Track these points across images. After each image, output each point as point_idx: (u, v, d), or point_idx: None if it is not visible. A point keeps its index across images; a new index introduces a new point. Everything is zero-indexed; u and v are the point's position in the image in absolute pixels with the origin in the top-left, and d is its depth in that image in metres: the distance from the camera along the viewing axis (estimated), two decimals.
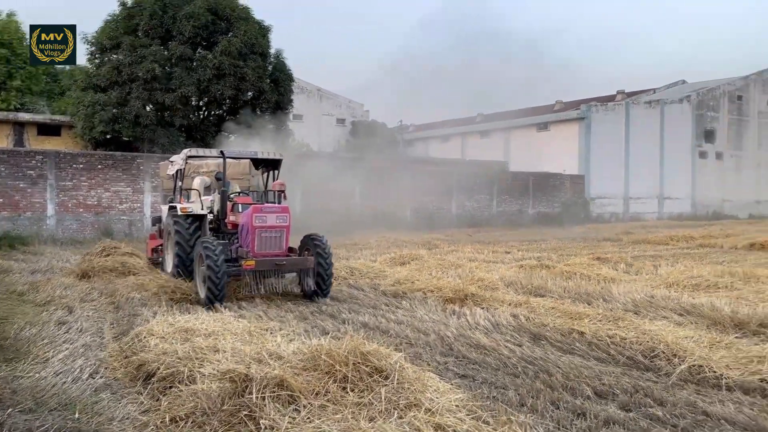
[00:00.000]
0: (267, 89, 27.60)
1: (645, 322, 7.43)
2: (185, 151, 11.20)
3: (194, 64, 26.28)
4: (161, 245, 12.42)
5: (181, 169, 11.49)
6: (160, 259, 12.29)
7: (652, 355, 6.33)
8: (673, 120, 43.27)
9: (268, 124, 27.43)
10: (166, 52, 26.09)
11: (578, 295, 9.92)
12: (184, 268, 10.33)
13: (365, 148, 34.54)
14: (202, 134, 26.93)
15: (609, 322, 7.52)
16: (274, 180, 11.01)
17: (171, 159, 12.23)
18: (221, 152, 10.74)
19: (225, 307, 8.87)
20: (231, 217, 10.34)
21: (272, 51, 28.89)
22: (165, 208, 12.28)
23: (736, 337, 6.86)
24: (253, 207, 9.65)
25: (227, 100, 26.93)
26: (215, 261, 8.80)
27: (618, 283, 10.69)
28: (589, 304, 9.13)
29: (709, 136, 46.15)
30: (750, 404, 5.06)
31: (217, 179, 11.15)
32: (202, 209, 10.85)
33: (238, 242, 9.98)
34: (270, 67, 28.63)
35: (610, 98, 45.09)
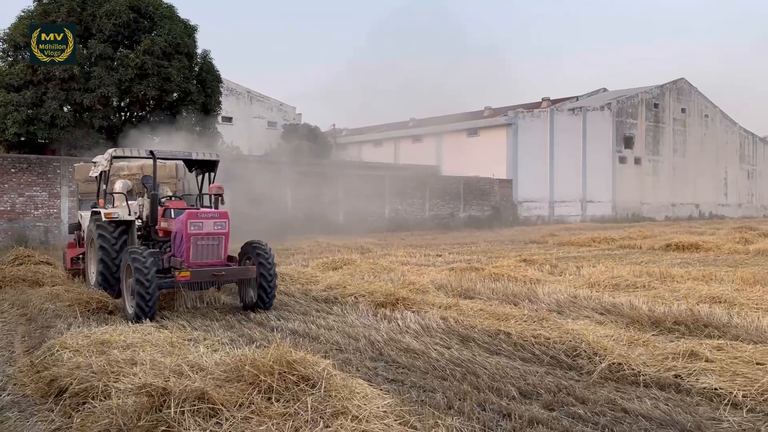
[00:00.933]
0: (193, 90, 26.90)
1: (568, 322, 7.63)
2: (110, 151, 10.24)
3: (115, 63, 25.30)
4: (81, 254, 11.63)
5: (105, 171, 10.48)
6: (81, 269, 11.50)
7: (574, 354, 6.49)
8: (594, 126, 45.16)
9: (195, 126, 26.73)
10: (85, 51, 25.00)
11: (506, 297, 10.10)
12: (110, 281, 9.52)
13: (297, 152, 34.24)
14: (124, 136, 25.94)
15: (534, 322, 7.67)
16: (210, 183, 10.28)
17: (94, 160, 11.27)
18: (151, 152, 9.80)
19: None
20: (162, 224, 9.52)
21: (199, 51, 28.21)
22: (85, 214, 11.56)
23: (653, 335, 7.15)
24: (188, 212, 8.88)
25: (151, 101, 26.07)
26: (145, 272, 8.06)
27: (543, 284, 10.96)
28: (515, 305, 9.30)
29: (628, 141, 48.42)
30: (665, 400, 5.26)
31: (144, 184, 10.44)
32: (129, 215, 10.02)
33: (170, 251, 9.21)
34: (197, 68, 27.93)
35: (536, 105, 46.61)
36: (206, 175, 10.44)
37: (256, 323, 8.50)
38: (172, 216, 9.31)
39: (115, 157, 10.15)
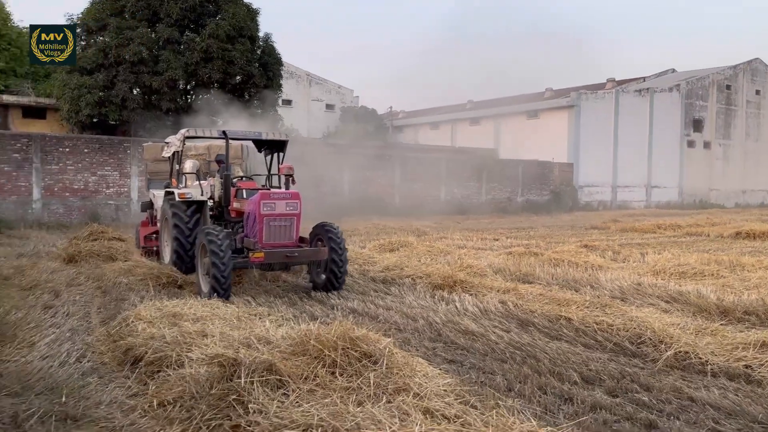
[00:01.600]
0: (256, 73, 27.35)
1: (632, 309, 7.48)
2: (182, 131, 10.31)
3: (182, 47, 25.98)
4: (154, 233, 11.94)
5: (178, 151, 10.58)
6: (155, 248, 11.81)
7: (638, 341, 6.37)
8: (662, 109, 43.47)
9: (256, 109, 27.24)
10: (153, 35, 25.76)
11: (566, 282, 9.97)
12: (184, 259, 9.66)
13: (354, 135, 34.42)
14: (188, 118, 26.72)
15: (596, 308, 7.55)
16: (279, 163, 10.23)
17: (166, 140, 11.38)
18: (224, 132, 9.81)
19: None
20: (235, 204, 9.56)
21: (261, 35, 28.62)
22: (158, 193, 11.83)
23: (722, 324, 6.93)
24: (261, 193, 8.87)
25: (215, 84, 26.69)
26: (220, 252, 8.08)
27: (605, 271, 10.75)
28: (576, 291, 9.18)
29: (697, 125, 46.43)
30: (734, 390, 5.12)
31: (218, 162, 10.40)
32: (202, 195, 10.05)
33: (242, 231, 9.22)
34: (259, 51, 28.36)
35: (600, 86, 45.20)
36: (275, 155, 10.44)
37: (317, 301, 8.69)
38: (244, 196, 9.36)
39: (188, 138, 10.21)
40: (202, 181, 10.46)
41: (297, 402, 4.08)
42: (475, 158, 34.26)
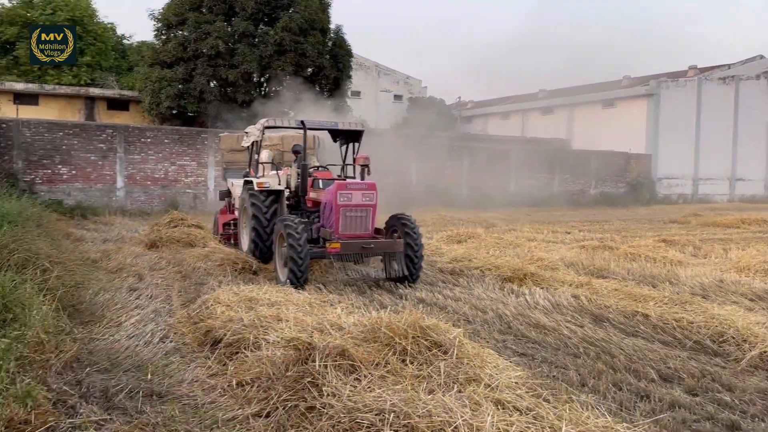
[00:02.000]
0: (326, 65, 27.73)
1: (713, 307, 7.16)
2: (262, 121, 10.45)
3: (256, 40, 26.64)
4: (233, 221, 12.23)
5: (257, 141, 10.66)
6: (231, 233, 12.14)
7: (720, 340, 6.12)
8: (748, 97, 41.08)
9: (326, 101, 27.63)
10: (229, 29, 26.53)
11: (643, 278, 9.66)
12: (261, 248, 9.81)
13: (422, 125, 34.33)
14: (262, 110, 27.42)
15: (675, 305, 7.29)
16: (354, 153, 10.25)
17: (246, 130, 11.47)
18: (302, 122, 9.92)
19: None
20: (311, 194, 9.62)
21: (332, 26, 28.96)
22: (236, 182, 12.08)
23: None
24: (337, 183, 8.87)
25: (287, 77, 27.25)
26: (298, 241, 8.20)
27: (685, 267, 10.35)
28: (654, 287, 8.88)
29: None
30: None
31: (295, 152, 10.45)
32: (279, 184, 10.15)
33: (318, 221, 9.28)
34: (329, 43, 28.74)
35: (682, 74, 43.13)
36: (350, 145, 10.44)
37: (386, 290, 8.78)
38: (321, 186, 9.42)
39: (267, 128, 10.30)
40: (279, 171, 10.56)
41: (369, 387, 4.15)
42: (546, 149, 33.47)
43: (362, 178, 9.40)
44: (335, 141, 10.75)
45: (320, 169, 10.46)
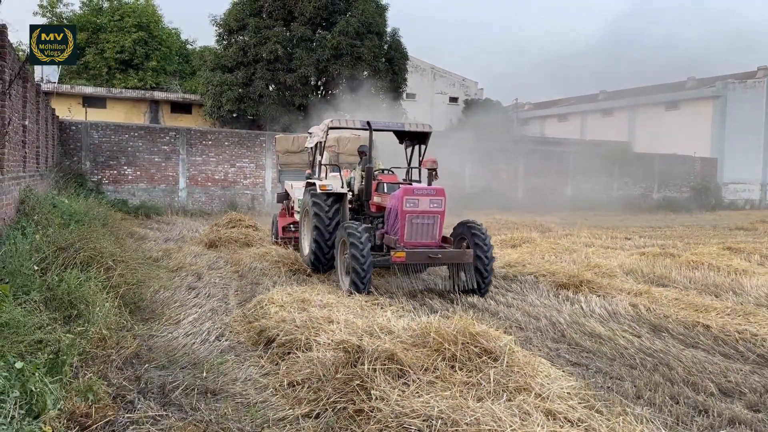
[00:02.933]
0: (382, 69, 27.89)
1: None
2: (326, 121, 9.82)
3: (314, 44, 27.04)
4: (293, 223, 12.03)
5: (321, 142, 10.09)
6: (293, 236, 11.94)
7: None
8: None
9: (382, 104, 27.78)
10: (288, 33, 27.03)
11: (705, 287, 9.31)
12: (322, 256, 9.23)
13: (477, 127, 34.06)
14: (318, 113, 27.83)
15: (738, 316, 7.00)
16: (420, 156, 9.74)
17: (309, 131, 11.08)
18: (368, 123, 9.30)
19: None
20: (375, 198, 9.14)
21: (388, 30, 29.09)
22: (296, 184, 11.88)
23: None
24: (403, 188, 8.33)
25: (343, 80, 27.55)
26: (361, 250, 7.78)
27: (751, 276, 9.89)
28: (717, 297, 8.56)
29: None
30: None
31: (361, 154, 10.00)
32: (342, 187, 9.65)
33: (382, 227, 8.85)
34: (386, 47, 28.88)
35: (750, 75, 41.27)
36: (415, 147, 9.97)
37: (437, 294, 8.75)
38: (385, 191, 8.99)
39: (332, 128, 9.73)
40: (339, 173, 10.24)
41: (417, 392, 4.16)
42: (605, 151, 32.63)
43: (429, 183, 8.85)
44: (401, 143, 10.25)
45: (385, 172, 9.94)
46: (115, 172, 22.01)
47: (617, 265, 10.75)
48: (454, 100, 48.78)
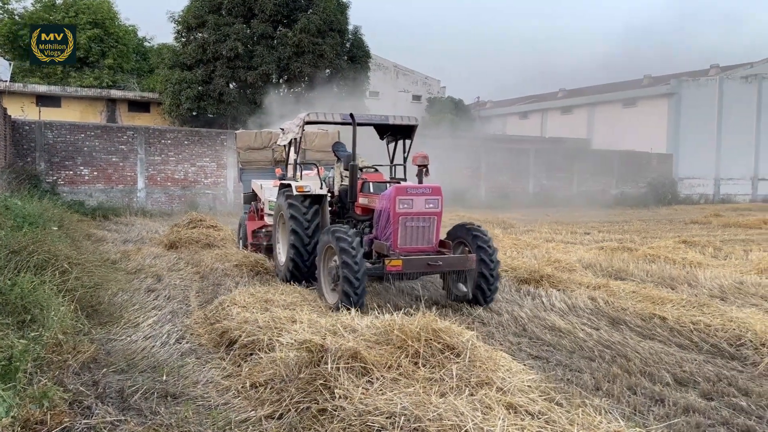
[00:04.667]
0: (344, 66, 27.81)
1: (732, 310, 7.09)
2: (301, 115, 8.82)
3: (275, 42, 26.80)
4: (264, 227, 11.09)
5: (296, 139, 9.10)
6: (264, 243, 10.96)
7: (738, 343, 6.04)
8: None
9: (345, 102, 27.70)
10: (248, 31, 26.73)
11: (661, 280, 9.56)
12: (302, 264, 8.33)
13: (440, 125, 34.27)
14: (282, 111, 27.58)
15: (693, 308, 7.21)
16: (405, 152, 8.94)
17: (281, 127, 10.14)
18: (351, 116, 8.28)
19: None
20: (361, 200, 8.26)
21: (350, 28, 29.04)
22: (265, 184, 11.16)
23: None
24: (396, 187, 7.47)
25: (305, 78, 27.38)
26: (354, 257, 6.80)
27: (705, 268, 10.21)
28: (672, 289, 8.80)
29: None
30: None
31: (336, 153, 9.25)
32: (321, 188, 8.74)
33: (369, 232, 8.00)
34: (348, 44, 28.82)
35: (703, 73, 42.53)
36: (397, 143, 9.20)
37: (400, 291, 8.77)
38: (372, 191, 8.15)
39: (308, 123, 8.78)
40: (308, 172, 9.46)
41: (381, 390, 4.17)
42: (565, 148, 33.22)
43: (420, 181, 8.20)
44: (382, 138, 9.39)
45: (367, 170, 8.97)
46: (71, 172, 21.44)
47: (577, 260, 10.96)
48: (417, 98, 48.98)
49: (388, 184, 8.13)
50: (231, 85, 27.19)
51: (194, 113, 27.73)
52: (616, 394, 4.87)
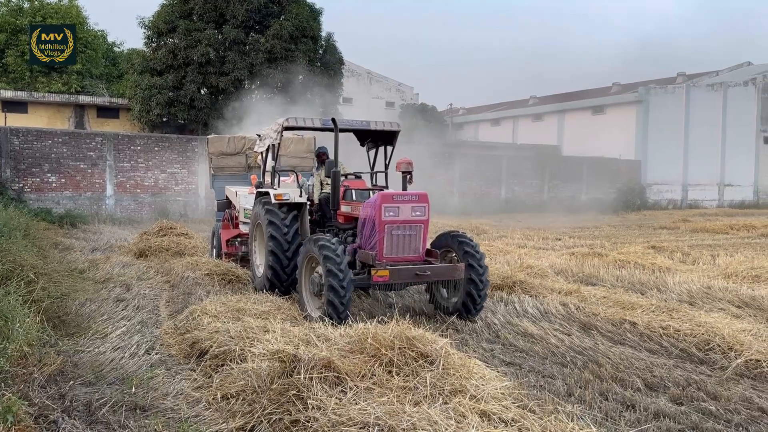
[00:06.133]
0: (317, 73, 27.75)
1: (700, 314, 7.21)
2: (280, 120, 8.50)
3: (247, 47, 26.64)
4: (238, 236, 10.75)
5: (274, 145, 8.77)
6: (240, 253, 10.69)
7: (706, 348, 6.15)
8: (736, 104, 41.41)
9: (318, 108, 27.64)
10: (220, 36, 26.53)
11: (631, 285, 9.71)
12: (283, 273, 8.07)
13: (413, 132, 34.36)
14: (256, 117, 27.37)
15: (662, 313, 7.33)
16: (386, 159, 8.74)
17: (258, 133, 9.80)
18: (333, 120, 8.00)
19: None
20: (344, 208, 8.00)
21: (323, 34, 29.02)
22: (241, 191, 10.92)
23: None
24: (381, 194, 7.23)
25: (278, 84, 27.26)
26: (338, 265, 6.59)
27: (673, 273, 10.39)
28: (642, 294, 8.93)
29: None
30: None
31: (320, 156, 9.02)
32: (301, 196, 8.49)
33: (352, 241, 7.79)
34: (321, 51, 28.78)
35: (670, 81, 43.47)
36: (378, 149, 8.97)
37: (375, 299, 8.74)
38: (354, 198, 8.04)
39: (288, 128, 8.44)
40: (285, 179, 9.25)
41: (354, 399, 4.14)
42: (536, 155, 33.59)
43: (404, 188, 7.89)
44: (362, 144, 9.20)
45: (349, 177, 8.78)
46: (38, 179, 20.98)
47: (548, 266, 11.07)
48: (390, 104, 49.10)
49: (370, 192, 8.01)
50: (202, 91, 26.93)
51: (164, 119, 27.39)
52: (588, 400, 4.92)
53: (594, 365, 5.75)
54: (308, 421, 3.94)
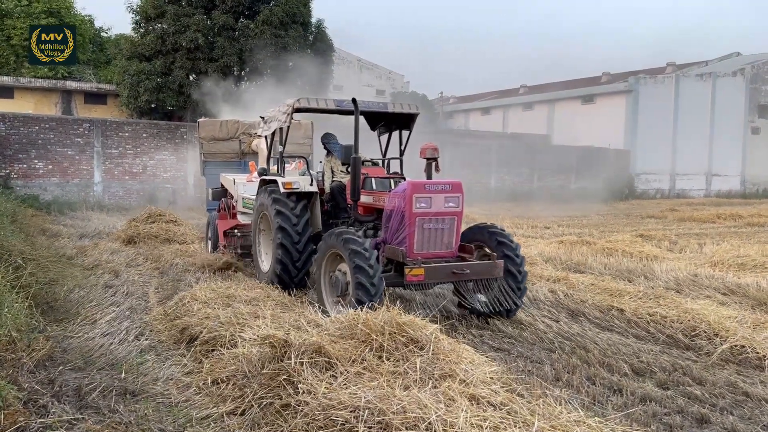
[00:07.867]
0: (307, 59, 27.56)
1: (687, 301, 7.29)
2: (291, 101, 7.70)
3: (236, 33, 26.40)
4: (236, 227, 10.10)
5: (282, 128, 8.04)
6: (239, 246, 9.97)
7: (692, 334, 6.22)
8: (725, 94, 41.66)
9: (308, 95, 27.51)
10: (209, 22, 26.26)
11: (619, 272, 9.79)
12: (293, 269, 7.51)
13: None
14: (243, 105, 27.20)
15: (650, 299, 7.41)
16: (402, 145, 8.15)
17: (263, 115, 9.04)
18: (353, 100, 7.25)
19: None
20: (364, 198, 7.34)
21: (313, 20, 28.80)
22: (240, 179, 10.32)
23: None
24: (411, 183, 6.50)
25: (268, 70, 27.06)
26: (368, 261, 5.95)
27: (661, 261, 10.49)
28: (630, 282, 9.02)
29: (763, 111, 44.33)
30: None
31: (326, 145, 8.41)
32: (311, 185, 7.87)
33: (374, 235, 7.18)
34: (311, 37, 28.57)
35: (660, 70, 43.62)
36: (391, 134, 8.41)
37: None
38: (374, 187, 7.43)
39: (298, 110, 7.66)
40: (287, 165, 8.58)
41: (345, 384, 4.16)
42: (526, 144, 33.67)
43: (429, 177, 7.28)
44: (373, 129, 8.55)
45: (366, 164, 7.96)
46: (25, 166, 20.77)
47: (537, 253, 11.14)
48: (381, 92, 48.93)
49: (391, 180, 7.49)
50: (191, 77, 26.69)
51: (153, 105, 27.13)
52: (576, 384, 4.97)
53: (582, 351, 5.82)
54: (299, 405, 3.96)
